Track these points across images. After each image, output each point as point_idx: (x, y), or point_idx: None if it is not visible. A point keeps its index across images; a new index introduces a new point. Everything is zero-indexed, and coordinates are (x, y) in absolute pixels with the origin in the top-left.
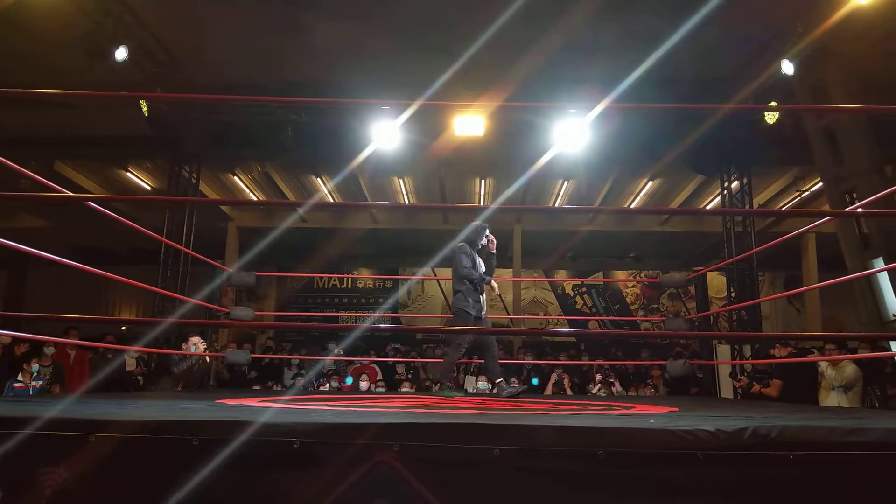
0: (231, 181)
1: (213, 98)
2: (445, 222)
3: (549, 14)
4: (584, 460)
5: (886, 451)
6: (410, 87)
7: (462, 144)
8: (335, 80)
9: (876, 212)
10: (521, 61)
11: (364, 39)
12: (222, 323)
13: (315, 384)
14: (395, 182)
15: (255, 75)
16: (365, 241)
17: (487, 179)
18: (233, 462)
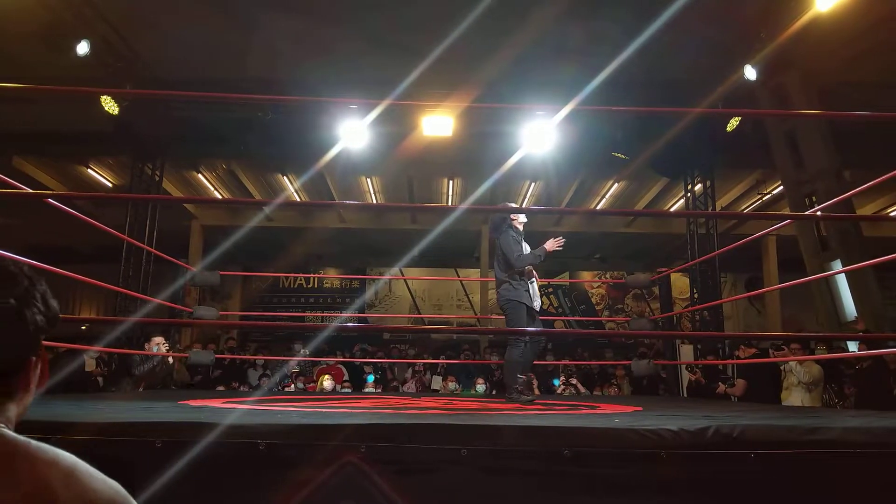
0: (195, 179)
1: (176, 94)
2: (413, 222)
3: (514, 16)
4: (550, 460)
5: (843, 448)
6: (378, 86)
7: (430, 144)
8: (301, 78)
9: (834, 215)
10: (487, 62)
11: (330, 37)
12: (185, 322)
13: (280, 385)
14: (364, 181)
15: (220, 72)
16: (332, 240)
17: (455, 180)
18: (196, 465)
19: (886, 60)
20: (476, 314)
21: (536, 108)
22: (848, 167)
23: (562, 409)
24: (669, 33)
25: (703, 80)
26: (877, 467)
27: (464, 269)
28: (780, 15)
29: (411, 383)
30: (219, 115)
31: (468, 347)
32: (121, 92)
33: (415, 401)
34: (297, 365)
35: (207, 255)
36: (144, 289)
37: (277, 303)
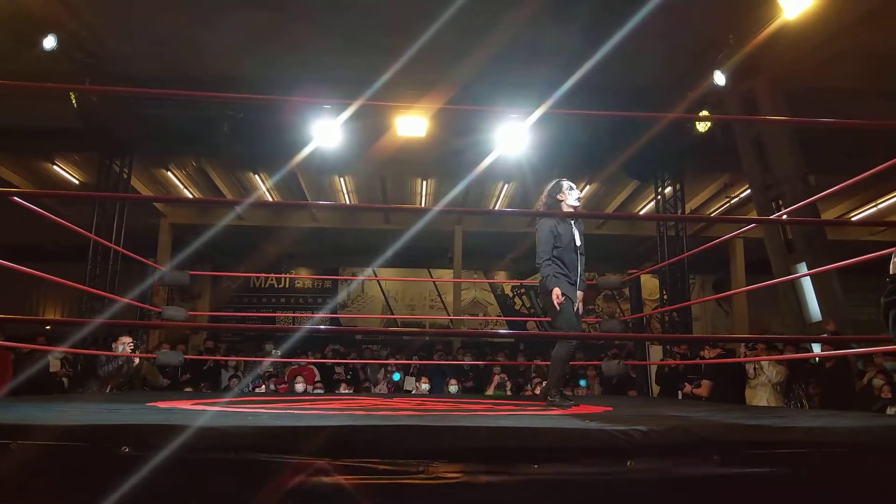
0: (164, 177)
1: (146, 91)
2: (387, 222)
3: (486, 18)
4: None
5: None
6: (352, 86)
7: (404, 145)
8: (274, 77)
9: (800, 219)
10: (461, 64)
11: (303, 36)
12: (153, 324)
13: (251, 386)
14: (337, 181)
15: (192, 69)
16: (304, 240)
17: (429, 180)
18: (165, 467)
19: (852, 67)
20: (449, 315)
21: (510, 111)
22: (813, 172)
23: (534, 409)
24: (641, 38)
25: (674, 85)
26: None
27: (437, 269)
28: (748, 22)
29: (383, 384)
30: (189, 112)
31: (441, 348)
32: (89, 88)
33: (387, 402)
34: (270, 366)
35: (176, 254)
36: (112, 288)
37: (248, 303)
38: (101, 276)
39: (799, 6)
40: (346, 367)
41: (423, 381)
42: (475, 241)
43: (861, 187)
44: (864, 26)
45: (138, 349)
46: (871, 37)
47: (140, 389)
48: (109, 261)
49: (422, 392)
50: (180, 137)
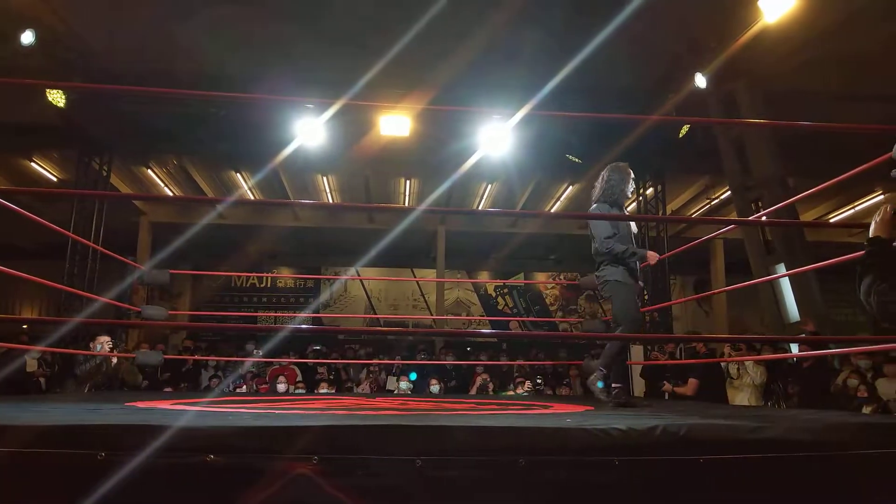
0: (145, 174)
1: (126, 88)
2: (370, 221)
3: (470, 18)
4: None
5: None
6: (335, 84)
7: (388, 144)
8: (256, 74)
9: (779, 220)
10: (444, 64)
11: (286, 34)
12: (133, 323)
13: (232, 386)
14: (319, 180)
15: (172, 66)
16: (286, 239)
17: (413, 180)
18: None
19: (830, 71)
20: (432, 315)
21: (493, 112)
22: (792, 174)
23: (516, 408)
24: (621, 41)
25: (655, 88)
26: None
27: (420, 269)
28: (729, 26)
29: (366, 384)
30: (170, 110)
31: (424, 348)
32: (68, 85)
33: (369, 401)
34: (253, 366)
35: (157, 252)
36: (90, 287)
37: (229, 302)
38: (79, 274)
39: (779, 11)
40: (328, 366)
41: (403, 379)
42: (458, 240)
43: (839, 190)
44: (841, 31)
45: (117, 348)
46: (849, 41)
47: (119, 389)
48: (88, 259)
49: (404, 392)
50: (161, 135)
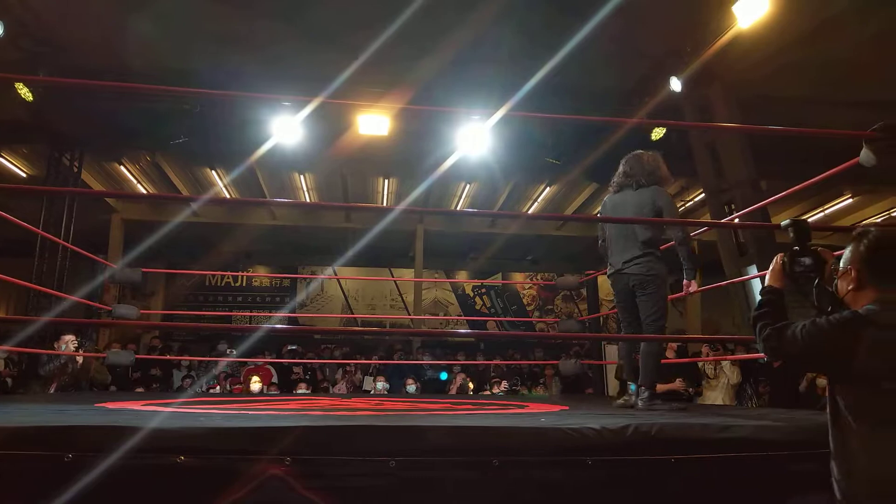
0: (117, 171)
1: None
2: (347, 220)
3: (447, 17)
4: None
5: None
6: (312, 82)
7: (366, 143)
8: (232, 71)
9: (751, 223)
10: (422, 63)
11: (261, 30)
12: (103, 322)
13: (205, 386)
14: (296, 178)
15: (146, 62)
16: (262, 238)
17: (391, 179)
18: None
19: (803, 77)
20: (410, 314)
21: (471, 112)
22: (764, 177)
23: (492, 408)
24: (597, 43)
25: (632, 90)
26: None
27: (398, 268)
28: (704, 31)
29: (342, 384)
30: (144, 106)
31: (401, 347)
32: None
33: (345, 402)
34: (227, 366)
35: (129, 251)
36: (60, 286)
37: (204, 301)
38: (48, 272)
39: (753, 16)
40: (304, 367)
41: (380, 379)
42: (437, 240)
43: (810, 193)
44: (814, 37)
45: (84, 348)
46: (821, 48)
47: (87, 389)
48: (58, 257)
49: (380, 392)
50: (134, 131)
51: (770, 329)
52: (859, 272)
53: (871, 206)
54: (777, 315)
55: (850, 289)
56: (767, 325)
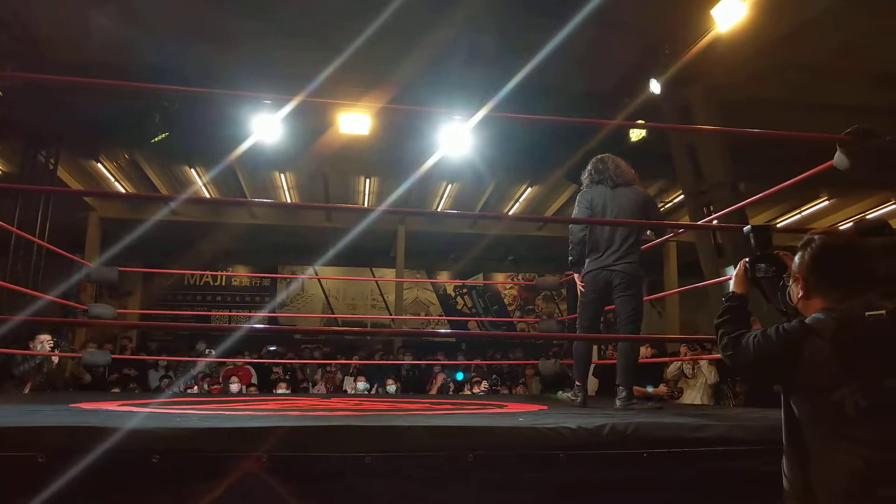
0: (95, 169)
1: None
2: (328, 220)
3: (428, 16)
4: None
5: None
6: (293, 80)
7: (347, 142)
8: (211, 68)
9: (729, 225)
10: (403, 62)
11: (240, 27)
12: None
13: (183, 387)
14: (277, 177)
15: (123, 58)
16: (242, 237)
17: (372, 178)
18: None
19: (781, 80)
20: (391, 314)
21: (453, 112)
22: (743, 180)
23: (471, 408)
24: (577, 44)
25: (612, 92)
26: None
27: (379, 268)
28: (683, 33)
29: (322, 384)
30: (122, 103)
31: (381, 347)
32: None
33: (324, 402)
34: (205, 366)
35: (106, 249)
36: (35, 284)
37: (182, 301)
38: (23, 271)
39: (731, 20)
40: (283, 367)
41: (360, 379)
42: (418, 240)
43: (786, 195)
44: (792, 41)
45: (59, 347)
46: (799, 51)
47: (63, 390)
48: (33, 256)
49: (360, 392)
50: (111, 129)
51: (727, 338)
52: (806, 280)
53: (847, 208)
54: (737, 323)
55: (800, 297)
56: (725, 333)
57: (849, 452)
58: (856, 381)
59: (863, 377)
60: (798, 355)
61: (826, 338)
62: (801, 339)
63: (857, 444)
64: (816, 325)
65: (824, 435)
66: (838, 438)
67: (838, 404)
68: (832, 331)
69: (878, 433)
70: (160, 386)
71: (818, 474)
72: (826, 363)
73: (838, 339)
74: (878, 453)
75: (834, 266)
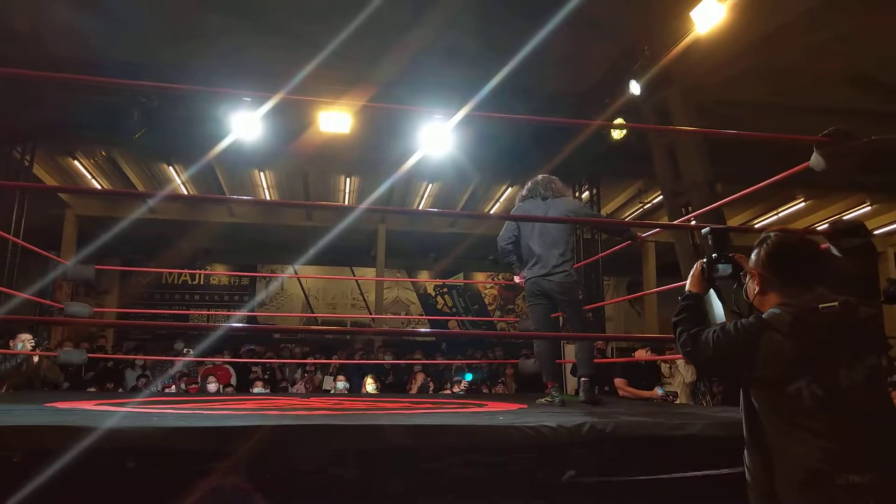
0: (71, 165)
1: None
2: (308, 218)
3: (408, 15)
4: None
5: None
6: (273, 78)
7: (328, 141)
8: (190, 65)
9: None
10: (384, 60)
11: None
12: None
13: (161, 386)
14: (256, 175)
15: (100, 54)
16: (221, 235)
17: (353, 177)
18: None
19: (759, 82)
20: (371, 314)
21: (434, 111)
22: (720, 180)
23: (451, 407)
24: (558, 45)
25: (592, 92)
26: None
27: (359, 267)
28: (662, 35)
29: (301, 384)
30: (99, 99)
31: (361, 347)
32: None
33: (303, 401)
34: (183, 366)
35: (83, 247)
36: (9, 283)
37: (160, 299)
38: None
39: (710, 22)
40: (262, 366)
41: (340, 379)
42: (399, 239)
43: (764, 196)
44: (770, 43)
45: (39, 347)
46: (777, 54)
47: (40, 389)
48: (7, 253)
49: (340, 392)
50: (88, 125)
51: (686, 335)
52: (762, 276)
53: (823, 209)
54: (694, 320)
55: (756, 293)
56: (684, 330)
57: (806, 443)
58: (811, 373)
59: (818, 369)
60: (755, 349)
61: (782, 331)
62: (758, 333)
63: (814, 434)
64: (773, 319)
65: (782, 426)
66: (796, 429)
67: (795, 396)
68: (788, 324)
69: (834, 423)
70: (137, 385)
71: (778, 465)
72: (782, 356)
73: (794, 332)
74: (834, 443)
75: (788, 262)
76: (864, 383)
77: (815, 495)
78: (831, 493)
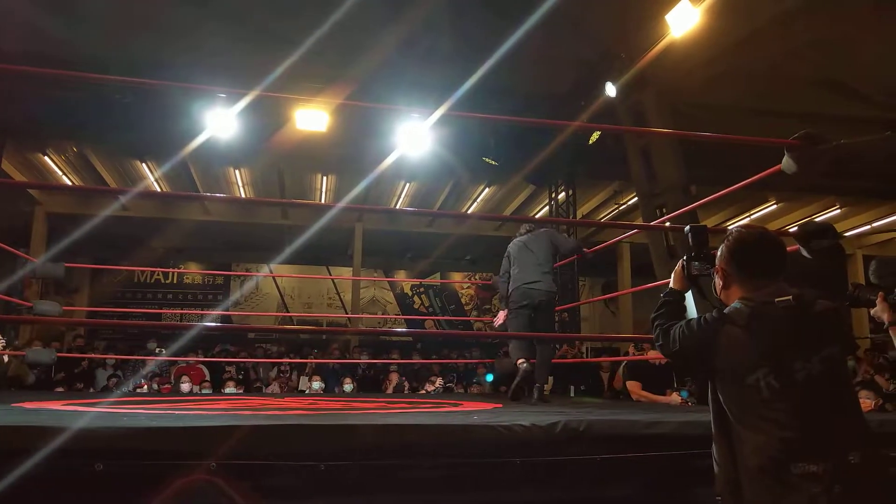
0: (41, 161)
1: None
2: (284, 217)
3: (385, 13)
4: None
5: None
6: (248, 74)
7: (304, 139)
8: (164, 61)
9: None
10: (360, 59)
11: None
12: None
13: (133, 386)
14: (231, 173)
15: (71, 50)
16: (195, 233)
17: (329, 176)
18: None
19: (733, 86)
20: (347, 313)
21: (411, 111)
22: (694, 183)
23: (427, 406)
24: (534, 46)
25: (569, 94)
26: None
27: (336, 267)
28: (638, 38)
29: (275, 384)
30: (69, 94)
31: (337, 346)
32: None
33: (277, 401)
34: (155, 365)
35: (53, 245)
36: None
37: (132, 298)
38: None
39: (684, 26)
40: (236, 366)
41: (315, 379)
42: (376, 239)
43: (736, 198)
44: (743, 48)
45: (12, 346)
46: (750, 58)
47: (7, 389)
48: None
49: (315, 392)
50: (59, 120)
51: (659, 329)
52: (724, 271)
53: (795, 211)
54: (670, 316)
55: (721, 288)
56: (659, 325)
57: (765, 432)
58: (768, 365)
59: (774, 360)
60: (716, 343)
61: (740, 325)
62: (718, 327)
63: (772, 424)
64: (732, 313)
65: (743, 417)
66: (756, 419)
67: (754, 387)
68: (746, 318)
69: (791, 413)
70: (108, 385)
71: (739, 455)
72: (741, 349)
73: (751, 325)
74: (791, 432)
75: (748, 257)
76: (821, 375)
77: (771, 483)
78: (787, 480)
